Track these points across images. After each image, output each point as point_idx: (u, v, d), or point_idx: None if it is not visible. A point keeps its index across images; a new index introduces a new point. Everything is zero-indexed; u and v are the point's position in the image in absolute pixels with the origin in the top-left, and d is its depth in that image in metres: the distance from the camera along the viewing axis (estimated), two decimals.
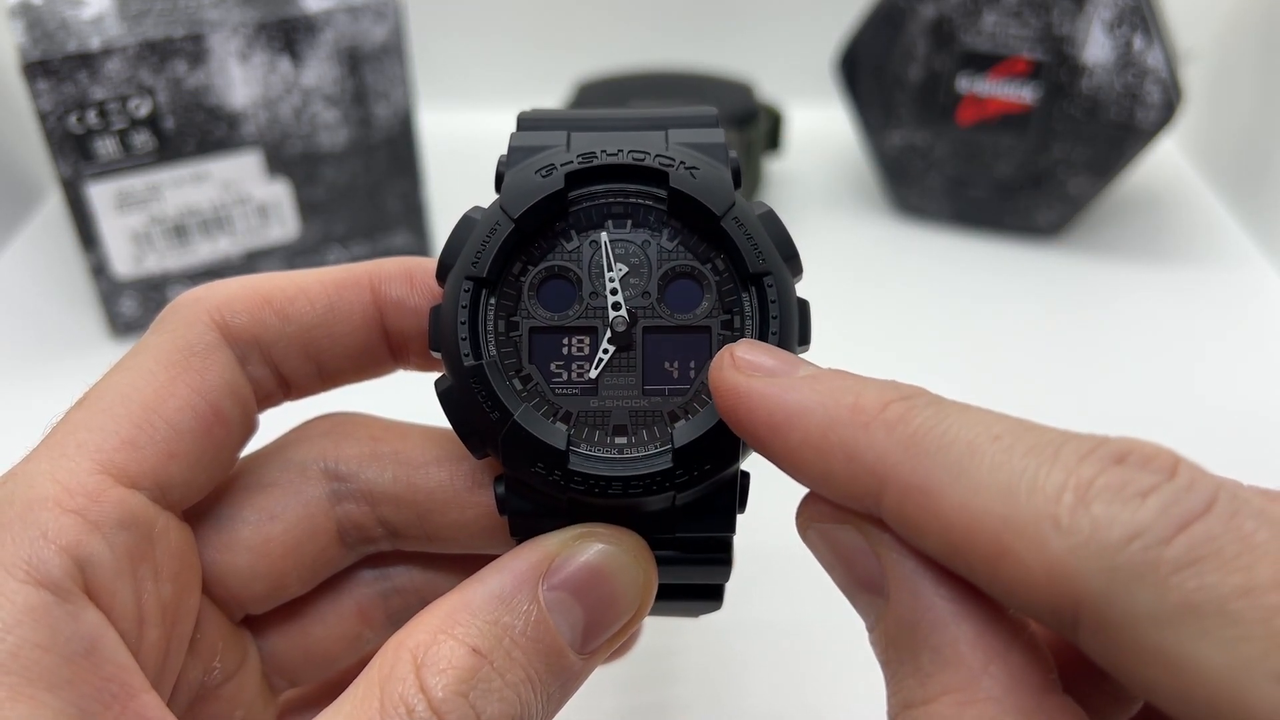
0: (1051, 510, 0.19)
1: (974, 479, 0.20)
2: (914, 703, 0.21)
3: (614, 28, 0.88)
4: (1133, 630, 0.18)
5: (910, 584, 0.21)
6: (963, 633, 0.21)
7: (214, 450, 0.27)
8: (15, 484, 0.24)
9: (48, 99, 0.56)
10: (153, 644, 0.25)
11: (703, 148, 0.27)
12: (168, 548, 0.26)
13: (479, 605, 0.24)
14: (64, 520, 0.23)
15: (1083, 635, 0.19)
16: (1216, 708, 0.17)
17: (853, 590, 0.23)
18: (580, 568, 0.25)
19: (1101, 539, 0.18)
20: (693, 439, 0.26)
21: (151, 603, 0.25)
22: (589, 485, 0.26)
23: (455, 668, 0.23)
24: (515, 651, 0.24)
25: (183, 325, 0.27)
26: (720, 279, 0.27)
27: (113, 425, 0.25)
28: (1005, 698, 0.20)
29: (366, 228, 0.69)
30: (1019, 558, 0.19)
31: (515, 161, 0.27)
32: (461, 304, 0.26)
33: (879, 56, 0.71)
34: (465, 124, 0.81)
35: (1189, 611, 0.17)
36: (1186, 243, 0.74)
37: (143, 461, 0.25)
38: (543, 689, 0.24)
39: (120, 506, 0.24)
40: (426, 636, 0.24)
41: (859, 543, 0.23)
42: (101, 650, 0.23)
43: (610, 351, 0.27)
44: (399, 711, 0.23)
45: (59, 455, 0.25)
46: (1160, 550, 0.18)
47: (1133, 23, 0.65)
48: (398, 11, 0.62)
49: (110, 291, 0.63)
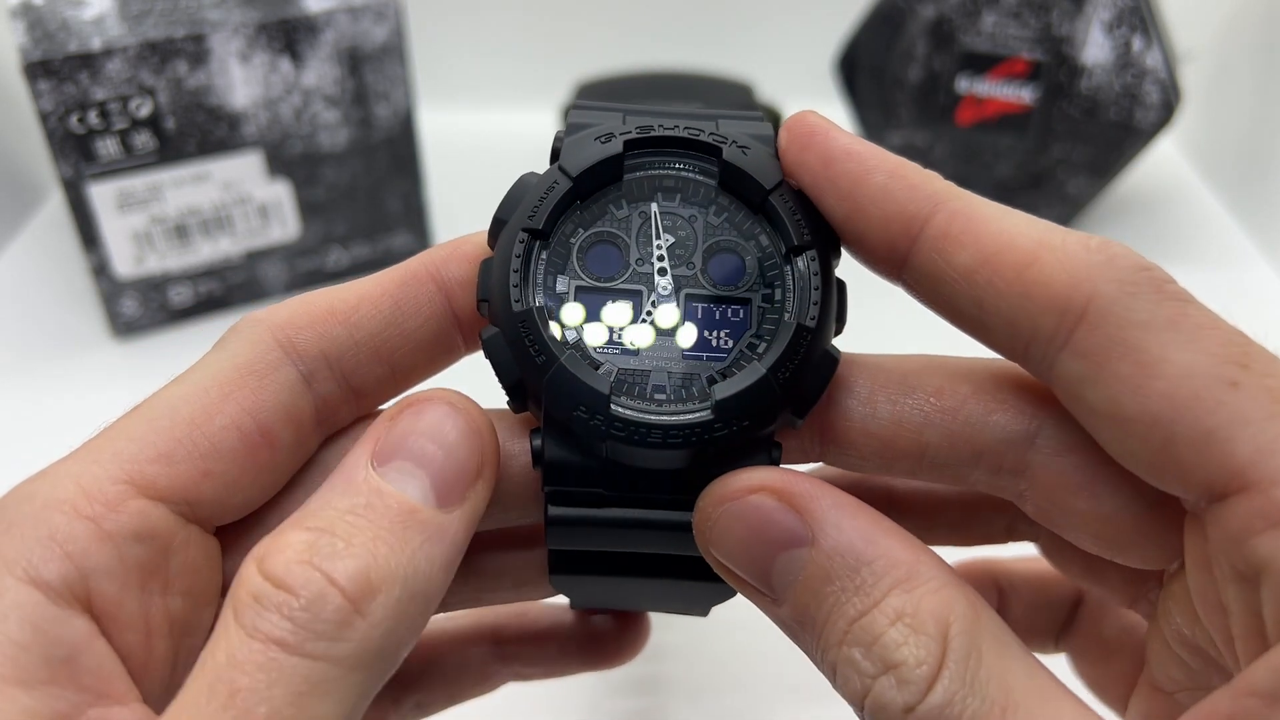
0: (1083, 240, 0.24)
1: (1018, 216, 0.25)
2: (864, 611, 0.23)
3: (614, 28, 0.88)
4: (1124, 329, 0.23)
5: (834, 518, 0.24)
6: (891, 542, 0.24)
7: (256, 472, 0.27)
8: (42, 481, 0.24)
9: (49, 99, 0.56)
10: (160, 656, 0.25)
11: (751, 135, 0.28)
12: (185, 562, 0.26)
13: (313, 505, 0.24)
14: (76, 526, 0.23)
15: (1078, 334, 0.23)
16: (1171, 398, 0.22)
17: (769, 555, 0.25)
18: (402, 433, 0.25)
19: (1120, 263, 0.23)
20: (733, 393, 0.26)
21: (160, 615, 0.25)
22: (629, 431, 0.26)
23: (293, 544, 0.23)
24: (359, 521, 0.23)
25: (245, 344, 0.27)
26: (763, 254, 0.28)
27: (152, 437, 0.25)
28: (940, 575, 0.23)
29: (367, 228, 0.69)
30: (1047, 265, 0.23)
31: (573, 133, 0.28)
32: (516, 254, 0.27)
33: (878, 57, 0.71)
34: (465, 124, 0.81)
35: (1172, 326, 0.22)
36: (1185, 243, 0.74)
37: (174, 476, 0.25)
38: (402, 545, 0.23)
39: (138, 518, 0.24)
40: (265, 541, 0.23)
41: (772, 503, 0.25)
42: (84, 657, 0.23)
43: (653, 315, 0.27)
44: (247, 603, 0.22)
45: (91, 460, 0.25)
46: (1162, 283, 0.23)
47: (1132, 23, 0.65)
48: (398, 12, 0.63)
49: (111, 291, 0.63)
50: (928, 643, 0.22)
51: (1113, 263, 0.23)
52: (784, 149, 0.27)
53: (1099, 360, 0.23)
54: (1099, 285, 0.23)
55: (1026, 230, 0.24)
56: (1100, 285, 0.23)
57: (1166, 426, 0.22)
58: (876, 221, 0.26)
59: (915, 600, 0.23)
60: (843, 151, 0.26)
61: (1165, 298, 0.23)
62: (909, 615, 0.23)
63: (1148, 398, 0.22)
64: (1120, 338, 0.23)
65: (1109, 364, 0.23)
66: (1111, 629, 0.35)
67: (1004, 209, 0.25)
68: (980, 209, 0.25)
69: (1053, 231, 0.24)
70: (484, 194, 0.28)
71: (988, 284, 0.24)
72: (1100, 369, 0.23)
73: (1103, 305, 0.23)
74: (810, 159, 0.26)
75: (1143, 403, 0.22)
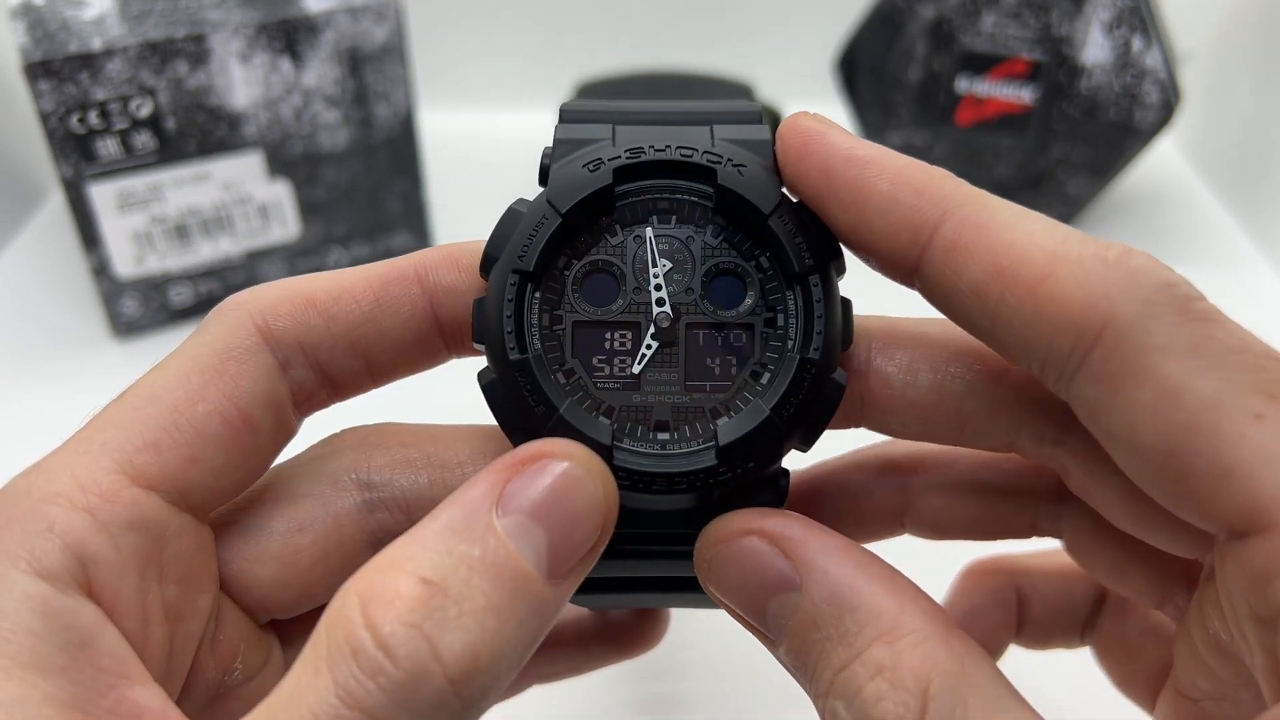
0: (1101, 252, 0.22)
1: (1032, 222, 0.23)
2: (846, 663, 0.23)
3: (614, 28, 0.88)
4: (1143, 354, 0.21)
5: (821, 563, 0.24)
6: (876, 589, 0.23)
7: (241, 457, 0.27)
8: (36, 475, 0.25)
9: (49, 99, 0.56)
10: (157, 642, 0.25)
11: (749, 144, 0.27)
12: (178, 550, 0.26)
13: (430, 539, 0.22)
14: (73, 517, 0.24)
15: (1094, 357, 0.22)
16: (1191, 428, 0.21)
17: (762, 598, 0.25)
18: (536, 489, 0.23)
19: (1140, 280, 0.22)
20: (737, 437, 0.26)
21: (156, 602, 0.25)
22: (633, 480, 0.26)
23: (404, 598, 0.21)
24: (474, 579, 0.22)
25: (223, 329, 0.27)
26: (764, 276, 0.27)
27: (139, 426, 0.25)
28: (925, 628, 0.23)
29: (367, 228, 0.69)
30: (1062, 281, 0.22)
31: (561, 155, 0.27)
32: (508, 297, 0.26)
33: (878, 57, 0.71)
34: (465, 124, 0.81)
35: (1195, 351, 0.21)
36: (1185, 243, 0.74)
37: (163, 465, 0.25)
38: (511, 617, 0.22)
39: (132, 508, 0.25)
40: (374, 574, 0.22)
41: (764, 547, 0.25)
42: (98, 643, 0.23)
43: (653, 347, 0.27)
44: (344, 653, 0.21)
45: (82, 452, 0.25)
46: (1187, 302, 0.22)
47: (1131, 24, 0.65)
48: (398, 12, 0.63)
49: (112, 292, 0.63)
50: (907, 699, 0.22)
51: (1133, 279, 0.22)
52: (781, 161, 0.26)
53: (1116, 386, 0.22)
54: (1117, 305, 0.22)
55: (1041, 240, 0.23)
56: (1119, 305, 0.22)
57: (1185, 459, 0.21)
58: (883, 232, 0.25)
59: (896, 654, 0.22)
60: (842, 159, 0.25)
61: (1188, 319, 0.21)
62: (889, 670, 0.22)
63: (1166, 428, 0.21)
64: (1139, 363, 0.21)
65: (1126, 391, 0.22)
66: (1136, 629, 0.34)
67: (1019, 211, 0.24)
68: (992, 215, 0.24)
69: (1069, 241, 0.23)
70: (484, 194, 0.28)
71: (999, 300, 0.23)
72: (1117, 395, 0.22)
73: (1121, 327, 0.21)
74: (809, 170, 0.25)
75: (1161, 433, 0.21)
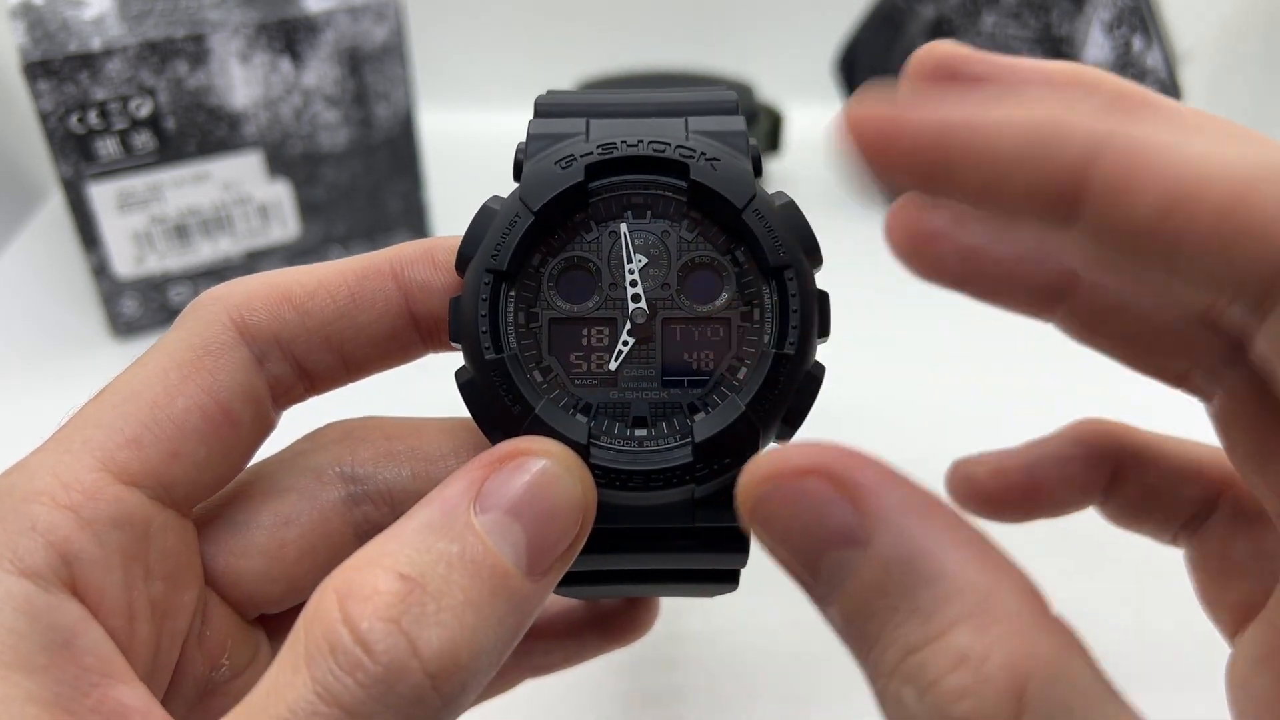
0: None
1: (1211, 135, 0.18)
2: (919, 644, 0.19)
3: (614, 28, 0.88)
4: None
5: (897, 520, 0.20)
6: (965, 557, 0.19)
7: (222, 450, 0.27)
8: (19, 475, 0.25)
9: (49, 99, 0.56)
10: (144, 639, 0.25)
11: (723, 136, 0.27)
12: (163, 546, 0.26)
13: (409, 535, 0.22)
14: (56, 515, 0.24)
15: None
16: None
17: (817, 551, 0.21)
18: (514, 486, 0.23)
19: None
20: (713, 434, 0.26)
21: (141, 599, 0.25)
22: (610, 479, 0.26)
23: (382, 594, 0.21)
24: (453, 575, 0.22)
25: (200, 324, 0.27)
26: (740, 270, 0.27)
27: (119, 422, 0.25)
28: (1023, 609, 0.19)
29: (367, 228, 0.69)
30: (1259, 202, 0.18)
31: (535, 151, 0.27)
32: (482, 296, 0.26)
33: (878, 57, 0.71)
34: (465, 124, 0.81)
35: None
36: None
37: (145, 460, 0.25)
38: (491, 613, 0.22)
39: (115, 505, 0.25)
40: (352, 571, 0.22)
41: (828, 491, 0.21)
42: (81, 641, 0.23)
43: (630, 343, 0.27)
44: (322, 650, 0.21)
45: (64, 450, 0.25)
46: None
47: (1132, 23, 0.65)
48: (398, 12, 0.63)
49: (111, 292, 0.63)
50: (998, 700, 0.18)
51: None
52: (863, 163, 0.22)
53: None
54: None
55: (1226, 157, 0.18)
56: None
57: None
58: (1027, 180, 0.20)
59: (987, 642, 0.18)
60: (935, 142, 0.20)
61: None
62: (976, 660, 0.18)
63: None
64: None
65: None
66: (1247, 548, 0.29)
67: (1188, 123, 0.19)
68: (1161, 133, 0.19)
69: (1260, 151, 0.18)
70: (484, 194, 0.28)
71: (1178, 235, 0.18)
72: None
73: None
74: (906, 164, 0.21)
75: None
